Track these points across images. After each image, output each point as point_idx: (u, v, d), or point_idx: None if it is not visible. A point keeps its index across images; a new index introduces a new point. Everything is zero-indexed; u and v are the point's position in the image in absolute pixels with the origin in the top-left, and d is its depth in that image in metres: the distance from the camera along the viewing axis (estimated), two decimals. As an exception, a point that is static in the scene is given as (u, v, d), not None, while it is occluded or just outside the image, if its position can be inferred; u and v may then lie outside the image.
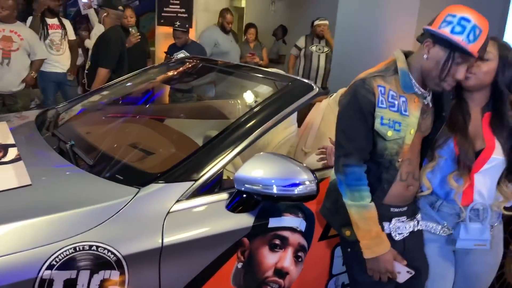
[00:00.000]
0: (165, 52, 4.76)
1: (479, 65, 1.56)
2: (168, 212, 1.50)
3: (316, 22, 5.52)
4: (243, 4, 10.57)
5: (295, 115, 2.83)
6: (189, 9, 5.86)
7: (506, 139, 1.60)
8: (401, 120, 1.50)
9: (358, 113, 1.50)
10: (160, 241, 1.44)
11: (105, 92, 2.60)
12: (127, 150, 1.86)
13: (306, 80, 1.99)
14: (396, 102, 1.50)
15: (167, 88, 3.00)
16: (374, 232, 1.53)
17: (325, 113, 3.26)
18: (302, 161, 2.46)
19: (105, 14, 4.04)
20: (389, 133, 1.50)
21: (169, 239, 1.46)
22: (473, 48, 1.39)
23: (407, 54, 1.57)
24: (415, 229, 1.66)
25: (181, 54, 4.13)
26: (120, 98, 2.65)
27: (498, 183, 1.67)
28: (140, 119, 2.41)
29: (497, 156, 1.60)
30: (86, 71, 4.25)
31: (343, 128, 1.55)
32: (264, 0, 9.23)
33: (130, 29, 4.31)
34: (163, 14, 5.96)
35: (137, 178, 1.59)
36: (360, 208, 1.53)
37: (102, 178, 1.61)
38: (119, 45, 3.97)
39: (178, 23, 4.67)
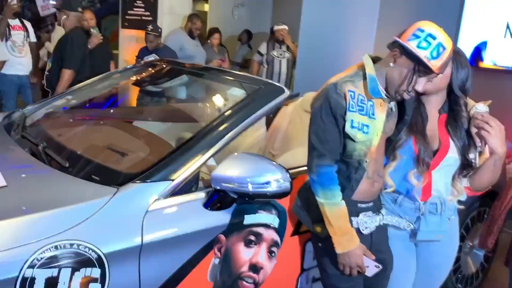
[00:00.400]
0: (136, 56, 4.74)
1: None
2: (147, 211, 1.53)
3: (276, 28, 5.64)
4: (206, 8, 10.61)
5: (263, 118, 2.91)
6: (154, 12, 5.84)
7: (460, 139, 1.72)
8: (369, 123, 1.59)
9: (330, 116, 1.59)
10: (140, 239, 1.48)
11: (75, 94, 2.58)
12: (102, 151, 1.88)
13: (277, 84, 2.07)
14: (365, 106, 1.59)
15: (137, 91, 3.01)
16: (345, 228, 1.62)
17: (292, 116, 3.36)
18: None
19: (64, 16, 3.98)
20: (358, 136, 1.58)
21: (149, 237, 1.50)
22: (435, 64, 1.48)
23: (374, 60, 1.66)
24: (381, 223, 1.76)
25: (151, 58, 4.13)
26: (90, 100, 2.64)
27: (453, 179, 1.78)
28: (113, 121, 2.42)
29: (452, 155, 1.72)
30: (46, 73, 4.16)
31: (316, 130, 1.63)
32: (227, 4, 9.30)
33: (92, 31, 4.27)
34: (127, 17, 5.92)
35: (115, 178, 1.62)
36: (332, 206, 1.61)
37: (79, 178, 1.63)
38: (82, 46, 3.93)
39: (150, 26, 4.68)
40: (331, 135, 1.60)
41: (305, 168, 2.00)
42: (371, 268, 1.67)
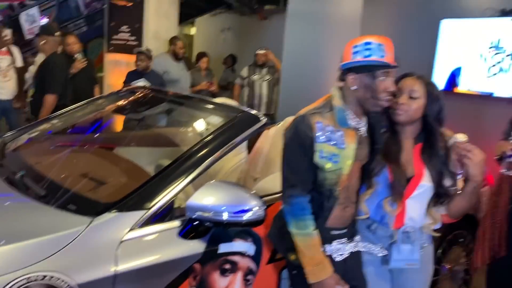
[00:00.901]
0: (124, 82, 4.77)
1: (409, 103, 1.75)
2: (122, 241, 1.55)
3: (257, 52, 5.77)
4: (192, 32, 10.75)
5: (244, 143, 2.95)
6: (139, 36, 5.92)
7: (435, 168, 1.76)
8: (338, 153, 1.64)
9: (299, 147, 1.63)
10: (114, 269, 1.49)
11: (55, 121, 2.60)
12: (79, 180, 1.89)
13: (253, 112, 2.12)
14: (334, 136, 1.64)
15: (118, 117, 3.03)
16: (318, 258, 1.65)
17: (274, 140, 3.41)
18: (252, 187, 2.58)
19: (43, 41, 4.00)
20: (328, 165, 1.63)
21: (123, 267, 1.51)
22: (388, 59, 1.59)
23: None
24: (354, 250, 1.80)
25: (140, 82, 4.16)
26: (71, 127, 2.66)
27: (428, 207, 1.82)
28: (91, 148, 2.44)
29: (426, 183, 1.76)
30: (30, 99, 4.17)
31: (287, 161, 1.68)
32: (213, 28, 9.46)
33: (76, 56, 4.30)
34: (112, 41, 5.98)
35: (90, 208, 1.63)
36: (305, 236, 1.64)
37: (55, 208, 1.64)
38: (63, 70, 3.95)
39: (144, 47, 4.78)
40: (301, 166, 1.64)
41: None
42: None
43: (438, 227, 1.88)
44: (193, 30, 10.60)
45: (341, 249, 1.74)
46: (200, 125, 2.49)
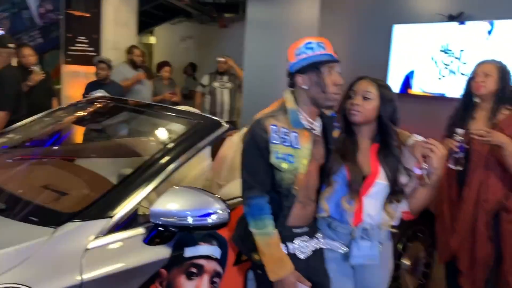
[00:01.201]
0: (83, 94, 4.69)
1: (363, 104, 1.84)
2: (86, 249, 1.54)
3: (219, 59, 5.81)
4: (152, 41, 10.68)
5: (208, 149, 2.97)
6: (98, 47, 5.84)
7: (391, 167, 1.85)
8: (293, 153, 1.70)
9: (255, 150, 1.70)
10: (79, 278, 1.48)
11: (11, 135, 2.54)
12: (40, 191, 1.87)
13: (215, 118, 2.15)
14: (288, 138, 1.70)
15: (78, 128, 3.00)
16: (277, 256, 1.70)
17: (238, 146, 3.44)
18: (217, 193, 2.60)
19: None
20: (284, 165, 1.69)
21: (88, 275, 1.50)
22: (330, 53, 1.70)
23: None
24: (317, 247, 1.86)
25: (99, 93, 4.11)
26: (28, 140, 2.61)
27: (384, 205, 1.90)
28: (52, 160, 2.40)
29: (381, 181, 1.84)
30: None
31: (245, 164, 1.74)
32: (173, 37, 9.44)
33: (33, 68, 4.21)
34: (69, 52, 5.87)
35: (52, 219, 1.62)
36: (264, 235, 1.70)
37: (16, 220, 1.61)
38: (15, 84, 3.80)
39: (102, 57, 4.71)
40: (258, 167, 1.70)
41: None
42: None
43: (396, 223, 1.96)
44: (152, 39, 10.52)
45: (303, 247, 1.79)
46: (162, 132, 2.50)
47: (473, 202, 2.45)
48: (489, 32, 3.83)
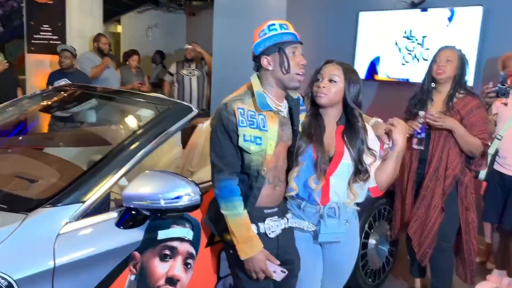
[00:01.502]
0: (47, 83, 4.59)
1: (329, 86, 1.90)
2: (59, 234, 1.56)
3: (186, 46, 5.79)
4: (119, 30, 10.48)
5: (179, 137, 2.99)
6: (62, 35, 5.71)
7: (355, 147, 1.91)
8: (261, 135, 1.75)
9: (224, 133, 1.73)
10: (52, 262, 1.50)
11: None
12: (11, 179, 1.86)
13: (185, 103, 2.17)
14: (255, 120, 1.75)
15: (47, 116, 2.95)
16: (247, 236, 1.75)
17: (208, 133, 3.47)
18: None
19: None
20: (252, 148, 1.73)
21: (61, 260, 1.52)
22: (292, 32, 1.75)
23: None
24: (286, 227, 1.92)
25: (62, 82, 4.04)
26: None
27: (349, 184, 1.96)
28: (21, 148, 2.37)
29: (346, 161, 1.91)
30: None
31: (214, 147, 1.77)
32: (140, 26, 9.28)
33: None
34: (33, 41, 5.72)
35: (23, 205, 1.62)
36: (234, 216, 1.74)
37: (-15, 208, 1.61)
38: None
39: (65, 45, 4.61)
40: (227, 150, 1.74)
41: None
42: (278, 273, 1.81)
43: (361, 201, 2.04)
44: (119, 28, 10.32)
45: (273, 226, 1.85)
46: (131, 118, 2.50)
47: (433, 179, 2.61)
48: (450, 19, 3.97)
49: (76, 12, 5.70)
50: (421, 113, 2.54)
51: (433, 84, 2.67)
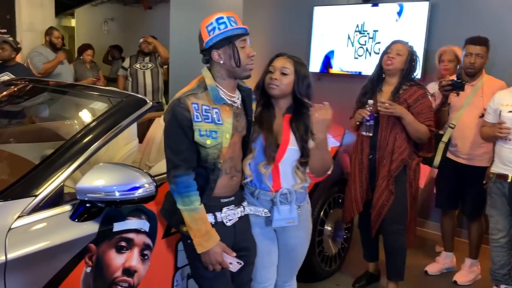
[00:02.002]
0: None
1: (281, 78, 1.97)
2: (10, 229, 1.54)
3: (143, 40, 5.70)
4: (73, 24, 10.19)
5: (135, 131, 2.97)
6: (12, 29, 5.50)
7: (300, 133, 1.99)
8: (216, 129, 1.78)
9: (178, 129, 1.74)
10: (4, 257, 1.48)
11: None
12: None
13: (139, 96, 2.17)
14: (210, 115, 1.77)
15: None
16: (203, 230, 1.78)
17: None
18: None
19: None
20: (208, 142, 1.76)
21: (13, 254, 1.50)
22: (241, 26, 1.78)
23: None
24: (243, 214, 1.97)
25: (5, 77, 3.90)
26: None
27: (296, 168, 2.03)
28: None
29: (292, 147, 1.98)
30: None
31: (169, 143, 1.78)
32: (95, 19, 9.07)
33: None
34: (-20, 34, 5.48)
35: (-29, 200, 1.58)
36: (191, 211, 1.77)
37: None
38: None
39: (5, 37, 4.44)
40: (182, 146, 1.75)
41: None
42: (235, 264, 1.86)
43: (307, 184, 2.10)
44: (73, 22, 10.04)
45: (230, 215, 1.90)
46: (85, 112, 2.47)
47: (382, 163, 2.76)
48: (399, 14, 4.12)
49: (25, 5, 5.50)
50: (370, 101, 2.67)
51: (383, 75, 2.79)
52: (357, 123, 2.80)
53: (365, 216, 2.93)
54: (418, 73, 3.62)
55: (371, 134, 2.72)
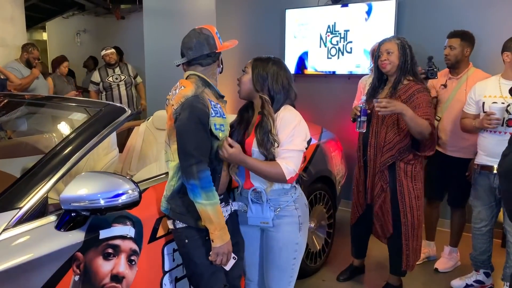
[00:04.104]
0: None
1: (241, 79, 2.04)
2: (-4, 242, 1.55)
3: (103, 53, 5.66)
4: (44, 37, 10.08)
5: (115, 140, 2.98)
6: (-18, 44, 5.44)
7: (261, 135, 1.93)
8: (224, 123, 1.90)
9: (199, 125, 1.81)
10: (-9, 270, 1.49)
11: None
12: None
13: (118, 104, 2.20)
14: (218, 109, 1.89)
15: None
16: (223, 223, 1.86)
17: (145, 135, 3.48)
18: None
19: None
20: (220, 134, 1.88)
21: (1, 267, 1.51)
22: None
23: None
24: (231, 211, 2.03)
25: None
26: None
27: None
28: None
29: (255, 148, 1.98)
30: None
31: (190, 138, 1.81)
32: (67, 32, 8.99)
33: None
34: (-50, 51, 5.40)
35: (-45, 216, 1.58)
36: (214, 205, 1.83)
37: None
38: None
39: None
40: (202, 141, 1.83)
41: (159, 177, 2.19)
42: (230, 260, 1.92)
43: (288, 187, 2.04)
44: (44, 35, 9.93)
45: (224, 212, 1.94)
46: (64, 123, 2.48)
47: (373, 159, 2.78)
48: (368, 13, 4.23)
49: (-4, 20, 5.45)
50: (363, 98, 2.70)
51: (385, 76, 2.79)
52: (351, 119, 2.86)
53: (359, 215, 2.99)
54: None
55: (363, 131, 2.71)
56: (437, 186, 3.43)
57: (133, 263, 1.93)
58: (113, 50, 5.65)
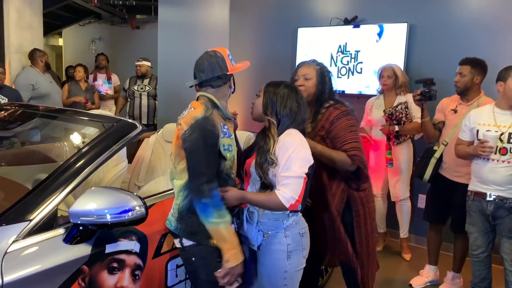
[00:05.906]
0: None
1: (255, 102, 2.08)
2: (6, 253, 1.59)
3: (136, 63, 5.85)
4: (60, 43, 10.25)
5: (124, 153, 3.04)
6: (0, 51, 5.55)
7: (260, 157, 1.94)
8: (231, 143, 1.96)
9: (208, 146, 1.87)
10: (0, 281, 1.53)
11: None
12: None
13: (130, 120, 2.26)
14: (226, 130, 1.95)
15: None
16: (236, 242, 1.89)
17: (155, 147, 3.54)
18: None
19: None
20: (228, 155, 1.94)
21: (9, 278, 1.55)
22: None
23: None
24: (235, 229, 2.04)
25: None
26: None
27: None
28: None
29: (252, 169, 2.00)
30: None
31: (200, 159, 1.86)
32: (83, 38, 9.15)
33: None
34: (-33, 56, 5.52)
35: (-32, 226, 1.64)
36: (226, 224, 1.87)
37: None
38: None
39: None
40: (211, 161, 1.89)
41: (165, 193, 2.23)
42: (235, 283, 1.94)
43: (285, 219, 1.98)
44: (60, 41, 10.10)
45: None
46: (76, 137, 2.54)
47: (321, 199, 2.41)
48: (379, 35, 4.28)
49: (14, 27, 5.56)
50: None
51: None
52: None
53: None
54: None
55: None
56: (440, 210, 3.44)
57: (137, 277, 1.97)
58: (144, 63, 5.80)
